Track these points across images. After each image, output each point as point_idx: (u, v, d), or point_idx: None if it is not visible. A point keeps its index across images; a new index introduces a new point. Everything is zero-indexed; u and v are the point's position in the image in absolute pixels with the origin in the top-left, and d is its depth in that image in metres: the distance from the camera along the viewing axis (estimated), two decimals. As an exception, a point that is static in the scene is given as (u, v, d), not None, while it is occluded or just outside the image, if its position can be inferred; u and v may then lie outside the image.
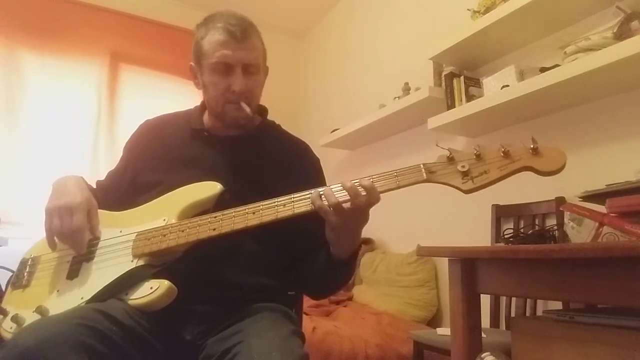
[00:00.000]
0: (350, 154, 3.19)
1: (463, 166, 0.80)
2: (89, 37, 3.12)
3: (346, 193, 0.81)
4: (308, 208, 0.84)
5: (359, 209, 0.82)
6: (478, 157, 0.80)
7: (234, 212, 0.88)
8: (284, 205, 0.85)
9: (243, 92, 1.03)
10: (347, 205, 0.82)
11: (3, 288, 1.07)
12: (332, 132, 2.99)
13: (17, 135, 2.81)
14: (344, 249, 0.92)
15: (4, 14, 2.87)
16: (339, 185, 0.83)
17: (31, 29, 2.93)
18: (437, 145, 0.87)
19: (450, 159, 0.82)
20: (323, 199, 0.82)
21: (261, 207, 0.87)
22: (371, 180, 0.82)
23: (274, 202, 0.86)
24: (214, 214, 0.90)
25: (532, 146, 0.77)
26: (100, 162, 2.97)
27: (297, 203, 0.85)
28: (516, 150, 0.79)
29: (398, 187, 0.82)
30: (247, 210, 0.87)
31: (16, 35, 2.88)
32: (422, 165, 0.82)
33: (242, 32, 1.02)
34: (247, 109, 1.04)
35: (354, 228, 0.88)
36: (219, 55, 1.01)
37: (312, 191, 0.84)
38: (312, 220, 0.86)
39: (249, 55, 1.04)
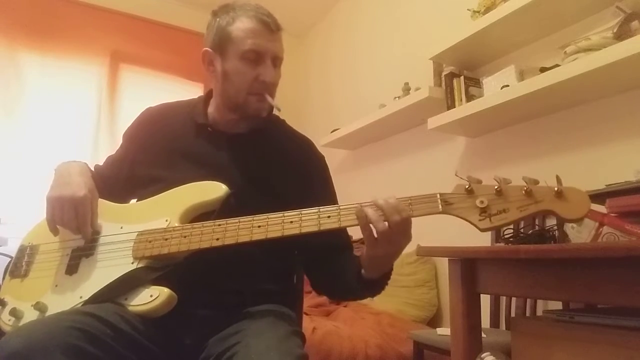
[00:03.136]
0: (350, 154, 3.19)
1: (482, 202, 0.76)
2: (89, 37, 3.12)
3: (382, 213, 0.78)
4: (315, 229, 0.81)
5: (397, 229, 0.77)
6: (499, 193, 0.76)
7: (240, 222, 0.86)
8: (291, 222, 0.83)
9: (271, 83, 1.02)
10: (385, 225, 0.77)
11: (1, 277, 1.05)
12: (332, 132, 2.99)
13: (17, 135, 2.81)
14: (375, 272, 0.88)
15: (4, 14, 2.87)
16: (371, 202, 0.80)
17: (31, 29, 2.93)
18: (456, 174, 0.82)
19: (469, 192, 0.77)
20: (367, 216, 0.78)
21: (268, 220, 0.84)
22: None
23: (281, 217, 0.84)
24: (218, 222, 0.87)
25: (556, 189, 0.73)
26: (101, 162, 2.96)
27: (304, 222, 0.82)
28: (539, 191, 0.75)
29: (411, 217, 0.79)
30: (253, 223, 0.85)
31: (16, 35, 2.88)
32: (438, 196, 0.78)
33: (274, 24, 1.00)
34: (272, 102, 1.02)
35: (393, 252, 0.83)
36: (252, 43, 0.98)
37: (356, 205, 0.80)
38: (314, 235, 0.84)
39: (279, 48, 1.02)
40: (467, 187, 0.78)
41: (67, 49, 3.04)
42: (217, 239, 0.86)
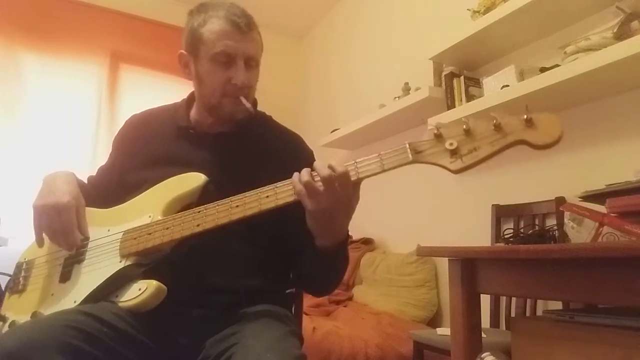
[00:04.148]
0: (350, 154, 3.19)
1: (451, 144, 0.73)
2: (89, 37, 3.12)
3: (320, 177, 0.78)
4: (291, 199, 0.80)
5: (332, 191, 0.77)
6: (467, 132, 0.73)
7: (217, 205, 0.85)
8: (267, 196, 0.82)
9: (244, 86, 1.00)
10: (320, 185, 0.77)
11: (3, 291, 1.08)
12: (332, 132, 2.99)
13: (17, 135, 2.81)
14: (327, 238, 0.86)
15: (4, 14, 2.87)
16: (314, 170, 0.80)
17: (31, 29, 2.93)
18: (427, 122, 0.82)
19: (438, 136, 0.75)
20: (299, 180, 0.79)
21: (245, 198, 0.84)
22: (354, 163, 0.79)
23: (257, 193, 0.83)
24: (197, 209, 0.87)
25: (525, 117, 0.71)
26: (100, 162, 2.94)
27: (280, 194, 0.81)
28: (508, 123, 0.72)
29: (383, 171, 0.77)
30: (230, 204, 0.84)
31: (16, 35, 2.88)
32: (407, 145, 0.76)
33: (247, 24, 0.99)
34: (248, 104, 1.01)
35: (334, 213, 0.81)
36: (222, 45, 0.97)
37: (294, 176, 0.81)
38: (300, 218, 0.84)
39: (252, 48, 1.01)
40: (435, 132, 0.75)
41: (67, 49, 3.04)
42: (198, 225, 0.85)
